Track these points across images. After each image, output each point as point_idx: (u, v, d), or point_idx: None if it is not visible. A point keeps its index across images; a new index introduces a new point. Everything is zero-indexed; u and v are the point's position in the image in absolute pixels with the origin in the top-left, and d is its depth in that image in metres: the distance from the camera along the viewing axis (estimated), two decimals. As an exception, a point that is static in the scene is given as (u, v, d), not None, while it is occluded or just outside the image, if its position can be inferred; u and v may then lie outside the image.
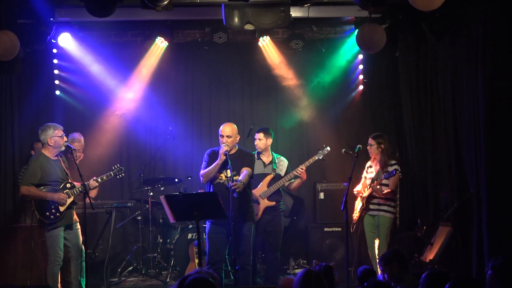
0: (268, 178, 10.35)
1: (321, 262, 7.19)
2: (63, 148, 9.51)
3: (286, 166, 10.68)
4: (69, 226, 9.45)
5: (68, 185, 9.39)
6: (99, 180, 9.71)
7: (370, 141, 10.32)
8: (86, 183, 9.45)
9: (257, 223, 9.89)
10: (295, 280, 5.77)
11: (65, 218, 9.36)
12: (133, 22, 11.86)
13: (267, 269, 10.53)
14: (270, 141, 10.51)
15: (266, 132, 10.49)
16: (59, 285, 9.46)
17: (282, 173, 10.54)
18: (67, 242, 9.50)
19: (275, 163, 10.45)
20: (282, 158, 10.74)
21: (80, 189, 9.48)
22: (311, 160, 10.62)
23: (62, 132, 9.53)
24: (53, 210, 9.30)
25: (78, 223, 9.71)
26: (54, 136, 9.40)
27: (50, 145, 9.36)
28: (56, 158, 9.52)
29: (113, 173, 9.92)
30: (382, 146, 10.23)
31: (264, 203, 10.22)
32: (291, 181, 10.54)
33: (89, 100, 12.52)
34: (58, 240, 9.39)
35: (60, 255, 9.39)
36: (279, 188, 10.41)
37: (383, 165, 10.11)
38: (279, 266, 10.64)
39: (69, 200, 9.36)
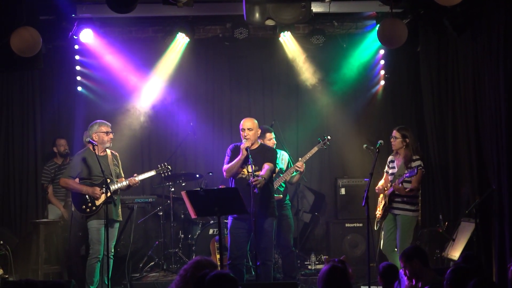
0: None
1: (332, 258, 7.20)
2: (107, 144, 9.72)
3: (287, 159, 10.69)
4: (110, 223, 9.48)
5: (107, 181, 9.45)
6: (140, 177, 9.87)
7: (395, 133, 10.09)
8: (127, 180, 9.79)
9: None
10: (319, 276, 5.79)
11: (102, 213, 9.40)
12: (154, 18, 11.91)
13: (284, 264, 10.54)
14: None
15: (271, 130, 10.55)
16: (94, 279, 9.54)
17: (284, 167, 10.56)
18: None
19: (277, 157, 10.42)
20: (283, 152, 10.75)
21: (119, 184, 9.71)
22: (309, 154, 10.60)
23: (109, 129, 9.77)
24: (89, 204, 9.56)
25: (118, 223, 9.88)
26: (99, 132, 9.72)
27: (95, 141, 9.49)
28: (104, 153, 9.71)
29: (156, 172, 10.09)
30: (407, 140, 9.99)
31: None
32: (292, 175, 10.54)
33: (111, 96, 12.56)
34: (97, 234, 9.57)
35: (98, 249, 9.55)
36: (282, 182, 10.42)
37: (407, 161, 9.95)
38: (295, 260, 10.62)
39: (104, 196, 9.42)
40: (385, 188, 10.13)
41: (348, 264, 6.65)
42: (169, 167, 10.21)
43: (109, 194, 9.27)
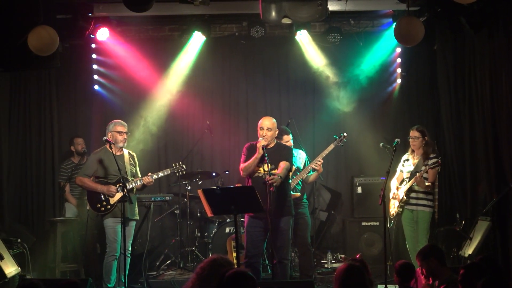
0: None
1: (350, 257, 7.21)
2: (120, 144, 9.74)
3: (305, 158, 10.66)
4: (126, 222, 9.48)
5: (121, 180, 9.49)
6: (154, 176, 9.84)
7: (414, 133, 10.04)
8: (141, 179, 9.76)
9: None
10: (336, 274, 5.78)
11: (117, 211, 9.48)
12: (171, 16, 11.93)
13: (300, 262, 10.52)
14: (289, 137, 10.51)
15: (288, 132, 10.51)
16: (111, 277, 9.58)
17: (302, 166, 10.52)
18: None
19: (295, 156, 10.37)
20: (300, 150, 10.70)
21: (133, 183, 9.68)
22: (326, 151, 10.52)
23: (123, 129, 9.79)
24: (104, 202, 9.59)
25: (134, 222, 9.90)
26: (113, 131, 9.77)
27: (110, 140, 9.53)
28: (121, 153, 9.79)
29: (171, 170, 10.08)
30: (426, 137, 10.08)
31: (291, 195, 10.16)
32: (308, 174, 10.50)
33: (127, 94, 12.63)
34: (113, 231, 9.59)
35: (114, 247, 9.57)
36: (299, 181, 10.39)
37: (426, 157, 9.96)
38: (312, 258, 10.58)
39: (119, 194, 9.48)
40: (398, 187, 10.15)
41: (366, 263, 6.66)
42: (183, 166, 10.18)
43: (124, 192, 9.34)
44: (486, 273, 5.77)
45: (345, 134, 10.63)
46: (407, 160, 10.22)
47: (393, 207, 10.22)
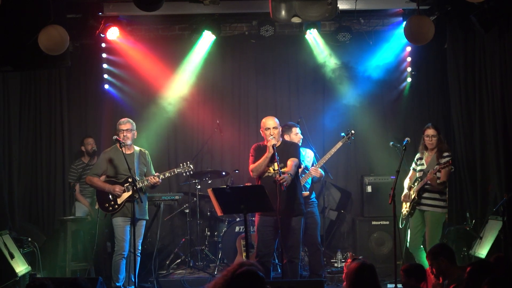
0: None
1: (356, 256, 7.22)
2: (128, 142, 9.73)
3: (313, 157, 10.64)
4: (136, 221, 9.49)
5: (130, 179, 9.50)
6: (161, 176, 9.82)
7: (432, 132, 9.92)
8: (147, 178, 9.77)
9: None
10: (347, 273, 5.77)
11: (126, 211, 9.57)
12: (181, 16, 11.96)
13: (310, 261, 10.50)
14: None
15: (296, 125, 10.47)
16: (119, 276, 9.61)
17: (310, 165, 10.49)
18: None
19: (303, 155, 10.33)
20: (308, 150, 10.68)
21: (140, 183, 9.67)
22: (334, 149, 10.46)
23: (124, 126, 9.80)
24: (111, 202, 9.65)
25: (144, 221, 9.92)
26: (118, 131, 9.75)
27: (119, 139, 9.55)
28: (131, 151, 9.82)
29: (177, 170, 10.03)
30: (440, 135, 10.06)
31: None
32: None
33: (137, 94, 12.65)
34: (120, 230, 9.65)
35: (122, 246, 9.63)
36: (308, 179, 10.36)
37: (440, 155, 9.91)
38: (321, 257, 10.54)
39: (126, 194, 9.53)
40: (411, 186, 10.10)
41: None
42: (191, 166, 10.12)
43: (131, 192, 9.38)
44: (493, 271, 5.76)
45: (352, 131, 10.61)
46: (420, 158, 10.16)
47: (405, 207, 10.17)
